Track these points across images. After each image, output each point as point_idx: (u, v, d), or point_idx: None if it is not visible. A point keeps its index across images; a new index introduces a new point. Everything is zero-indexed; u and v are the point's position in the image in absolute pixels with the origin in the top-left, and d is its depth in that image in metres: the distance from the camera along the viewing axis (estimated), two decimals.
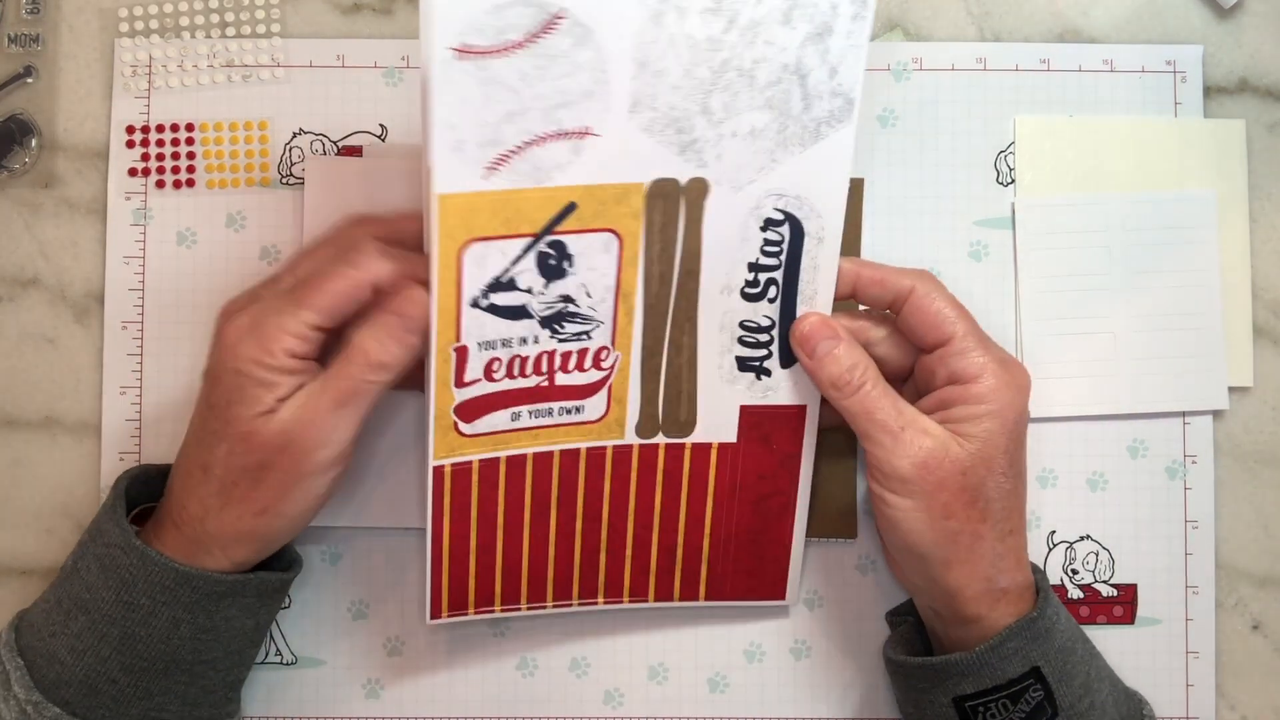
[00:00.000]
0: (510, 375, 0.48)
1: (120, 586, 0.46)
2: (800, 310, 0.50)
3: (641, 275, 0.48)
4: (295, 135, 0.56)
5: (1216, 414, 0.56)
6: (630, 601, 0.54)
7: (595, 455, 0.51)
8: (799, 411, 0.51)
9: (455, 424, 0.48)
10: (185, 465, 0.48)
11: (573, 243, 0.47)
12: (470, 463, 0.50)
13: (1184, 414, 0.56)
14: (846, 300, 0.51)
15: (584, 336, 0.49)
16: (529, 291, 0.47)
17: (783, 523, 0.53)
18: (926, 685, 0.49)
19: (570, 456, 0.51)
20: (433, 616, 0.52)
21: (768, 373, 0.50)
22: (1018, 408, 0.48)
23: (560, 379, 0.49)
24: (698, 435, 0.51)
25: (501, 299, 0.47)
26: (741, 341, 0.50)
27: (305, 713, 0.55)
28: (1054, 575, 0.56)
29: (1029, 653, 0.47)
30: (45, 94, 0.56)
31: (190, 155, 0.56)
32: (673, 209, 0.47)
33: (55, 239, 0.56)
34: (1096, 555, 0.56)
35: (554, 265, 0.47)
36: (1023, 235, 0.56)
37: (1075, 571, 0.56)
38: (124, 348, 0.55)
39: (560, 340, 0.48)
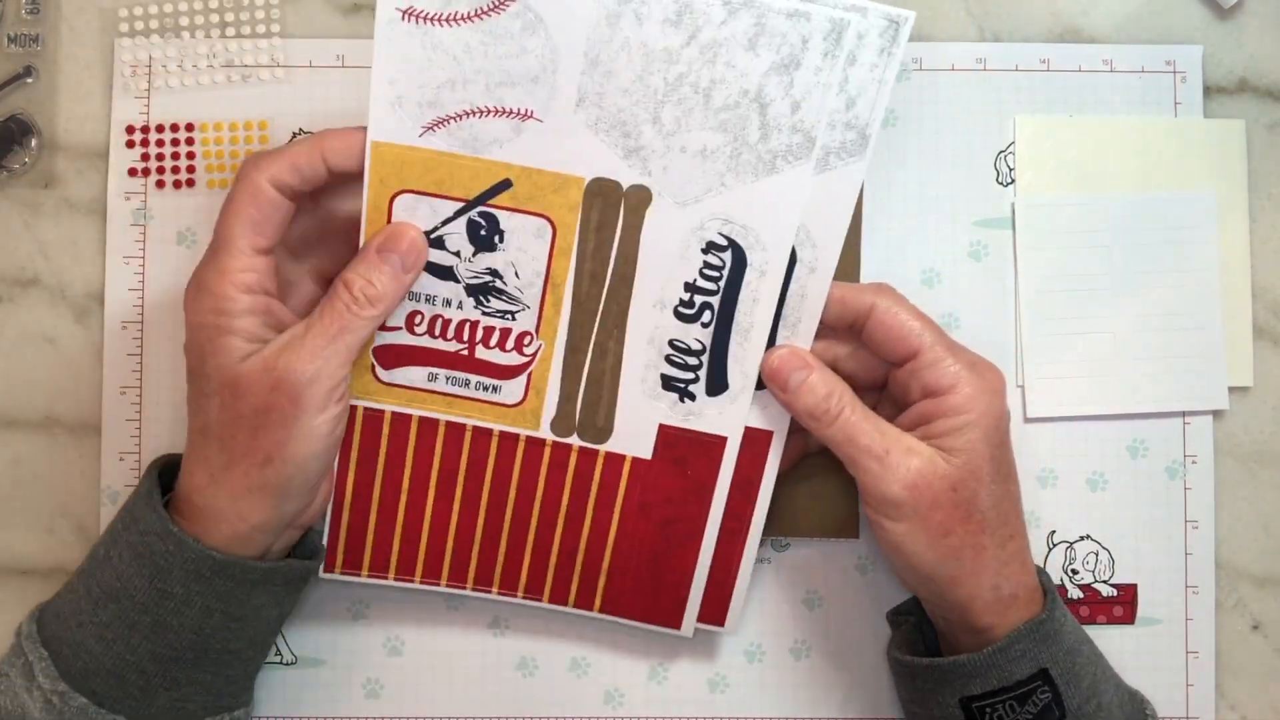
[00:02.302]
0: (431, 334, 0.49)
1: (154, 574, 0.46)
2: (733, 341, 0.49)
3: (573, 269, 0.48)
4: (295, 135, 0.56)
5: (1216, 414, 0.56)
6: (525, 598, 0.53)
7: (508, 440, 0.51)
8: (719, 442, 0.50)
9: (373, 366, 0.49)
10: (189, 437, 0.48)
11: (505, 219, 0.48)
12: (383, 411, 0.50)
13: (1184, 414, 0.56)
14: None
15: (508, 316, 0.49)
16: (457, 255, 0.48)
17: (686, 551, 0.52)
18: (933, 686, 0.49)
19: (483, 435, 0.51)
20: (326, 569, 0.52)
21: (692, 397, 0.50)
22: (996, 412, 0.48)
23: (481, 352, 0.50)
24: (612, 444, 0.51)
25: (433, 256, 0.48)
26: (670, 360, 0.50)
27: (305, 713, 0.55)
28: (1054, 575, 0.56)
29: (1037, 654, 0.47)
30: (45, 94, 0.56)
31: (190, 155, 0.56)
32: (612, 211, 0.47)
33: (55, 239, 0.56)
34: (1096, 555, 0.56)
35: (484, 236, 0.48)
36: (1023, 235, 0.56)
37: (1075, 571, 0.56)
38: (124, 348, 0.55)
39: (484, 313, 0.49)
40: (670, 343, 0.49)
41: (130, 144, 0.56)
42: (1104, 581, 0.56)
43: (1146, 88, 0.57)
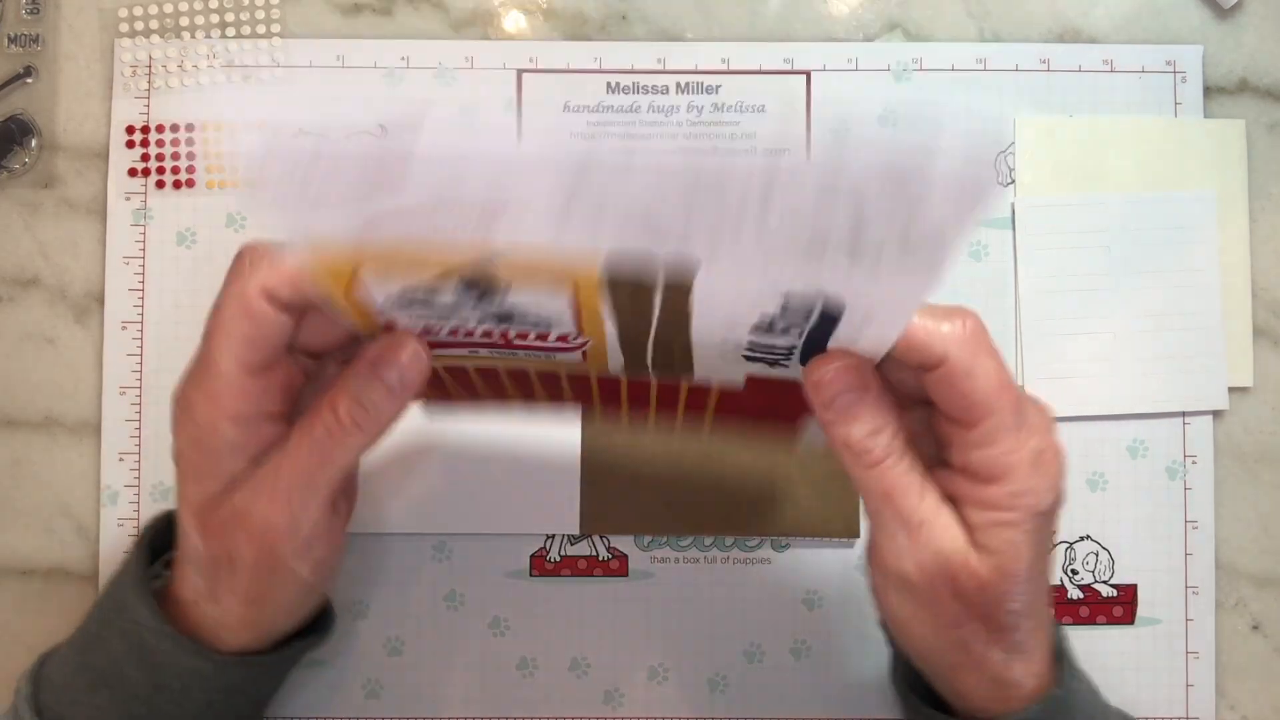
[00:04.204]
0: (454, 336, 0.39)
1: (151, 669, 0.42)
2: (829, 342, 0.38)
3: (611, 323, 0.37)
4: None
5: (1216, 414, 0.56)
6: (630, 416, 0.46)
7: (578, 377, 0.43)
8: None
9: None
10: (177, 548, 0.43)
11: (507, 286, 0.36)
12: (434, 368, 0.41)
13: (1184, 414, 0.56)
14: None
15: (541, 333, 0.39)
16: (454, 307, 0.37)
17: (794, 409, 0.42)
18: None
19: (549, 374, 0.43)
20: (425, 408, 0.45)
21: (784, 367, 0.40)
22: (1045, 509, 0.39)
23: (520, 343, 0.40)
24: (695, 379, 0.42)
25: (425, 301, 0.37)
26: (749, 359, 0.40)
27: (305, 713, 0.55)
28: (1054, 575, 0.56)
29: None
30: (45, 94, 0.56)
31: (190, 155, 0.56)
32: (644, 290, 0.35)
33: (55, 239, 0.56)
34: (1096, 555, 0.56)
35: (485, 294, 0.36)
36: (1023, 235, 0.56)
37: (1075, 571, 0.56)
38: (124, 348, 0.55)
39: (512, 327, 0.39)
40: (749, 345, 0.38)
41: (130, 144, 0.56)
42: (1104, 581, 0.56)
43: (1146, 88, 0.57)
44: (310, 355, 0.41)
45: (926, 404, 0.39)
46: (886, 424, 0.38)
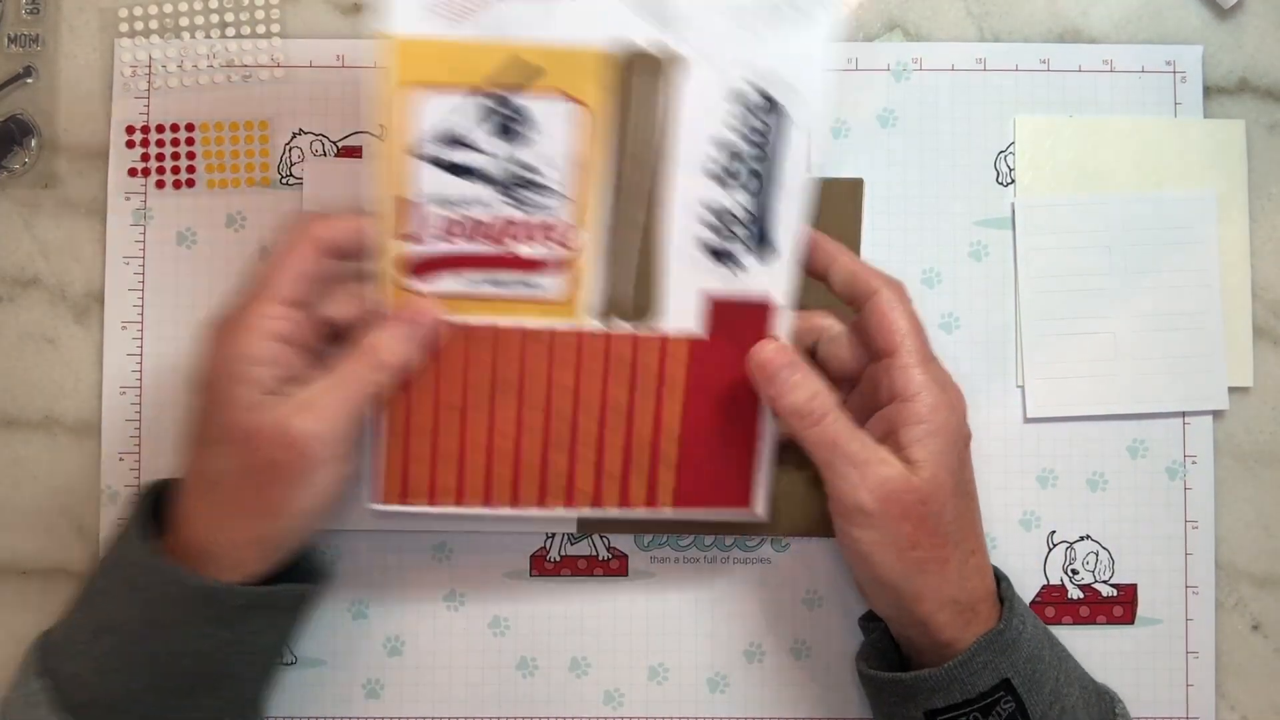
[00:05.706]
0: (469, 238, 0.48)
1: (146, 605, 0.46)
2: (780, 203, 0.48)
3: (608, 150, 0.47)
4: (295, 135, 0.56)
5: (1216, 414, 0.56)
6: (591, 507, 0.51)
7: (562, 341, 0.49)
8: (769, 309, 0.49)
9: (404, 281, 0.48)
10: (190, 482, 0.47)
11: (536, 108, 0.46)
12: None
13: (1184, 414, 0.56)
14: (818, 280, 0.50)
15: (546, 210, 0.48)
16: (491, 155, 0.47)
17: (750, 427, 0.51)
18: (899, 699, 0.49)
19: (532, 338, 0.49)
20: (373, 499, 0.50)
21: (741, 266, 0.49)
22: (955, 426, 0.48)
23: (521, 250, 0.48)
24: (664, 324, 0.49)
25: (459, 156, 0.47)
26: (714, 229, 0.49)
27: (305, 713, 0.55)
28: (1054, 575, 0.56)
29: (998, 665, 0.47)
30: (45, 94, 0.56)
31: (190, 155, 0.56)
32: (649, 81, 0.47)
33: (55, 239, 0.56)
34: (1096, 555, 0.56)
35: (516, 130, 0.47)
36: (1023, 235, 0.56)
37: (1075, 571, 0.56)
38: (124, 348, 0.55)
39: (523, 210, 0.48)
40: (714, 211, 0.48)
41: (130, 144, 0.56)
42: (1104, 581, 0.56)
43: (1146, 88, 0.57)
44: (329, 330, 0.49)
45: (853, 383, 0.51)
46: (819, 389, 0.48)
